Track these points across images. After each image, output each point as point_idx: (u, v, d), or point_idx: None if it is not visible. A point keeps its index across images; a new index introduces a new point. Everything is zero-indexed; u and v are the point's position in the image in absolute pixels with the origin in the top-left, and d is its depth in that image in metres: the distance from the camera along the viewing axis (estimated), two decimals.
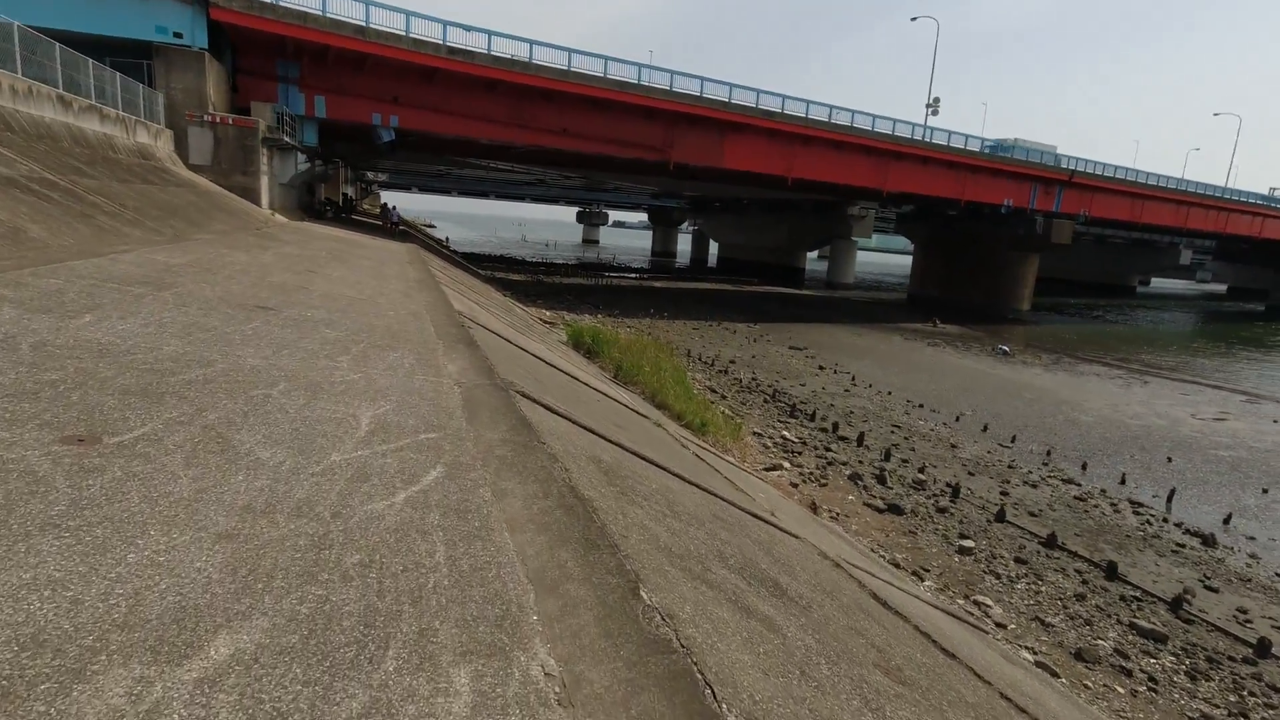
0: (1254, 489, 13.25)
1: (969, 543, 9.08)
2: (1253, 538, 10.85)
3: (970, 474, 12.43)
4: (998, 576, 8.31)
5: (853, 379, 20.08)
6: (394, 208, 29.92)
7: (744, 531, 4.58)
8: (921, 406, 17.44)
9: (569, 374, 8.29)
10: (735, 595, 2.88)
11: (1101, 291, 75.22)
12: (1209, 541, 10.36)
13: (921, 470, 11.91)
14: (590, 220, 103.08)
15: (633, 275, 49.99)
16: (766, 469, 10.76)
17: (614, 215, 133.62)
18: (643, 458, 5.06)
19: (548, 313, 23.36)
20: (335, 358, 4.56)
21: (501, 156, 35.51)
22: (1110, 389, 22.24)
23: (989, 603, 7.49)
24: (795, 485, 10.27)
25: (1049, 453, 14.38)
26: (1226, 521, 11.36)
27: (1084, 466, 13.62)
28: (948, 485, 11.55)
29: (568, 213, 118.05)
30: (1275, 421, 19.12)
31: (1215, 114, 70.64)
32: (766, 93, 28.65)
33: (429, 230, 68.80)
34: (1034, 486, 12.14)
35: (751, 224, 64.81)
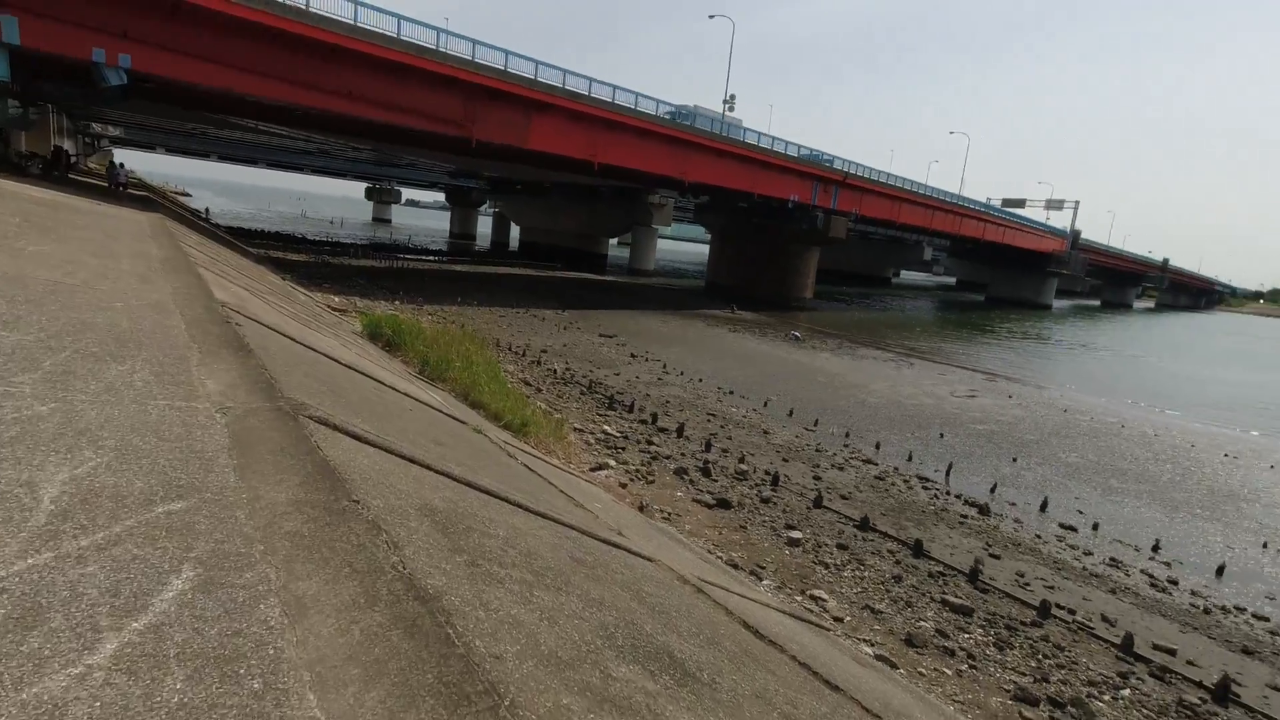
0: (1006, 458, 15.21)
1: (796, 533, 9.18)
2: (1014, 504, 12.32)
3: (785, 460, 12.82)
4: (826, 566, 8.43)
5: (664, 367, 20.20)
6: (122, 165, 24.80)
7: (608, 574, 3.81)
8: (732, 393, 17.93)
9: (372, 377, 6.95)
10: (651, 710, 2.12)
11: (864, 282, 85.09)
12: (984, 511, 11.55)
13: (742, 460, 12.02)
14: (381, 198, 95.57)
15: (431, 258, 46.92)
16: (593, 469, 10.13)
17: (408, 193, 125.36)
18: (478, 489, 4.10)
19: (337, 298, 20.76)
20: (10, 378, 3.03)
21: (274, 118, 31.12)
22: (886, 371, 24.74)
23: (824, 596, 7.50)
24: (624, 485, 9.75)
25: (847, 434, 15.39)
26: (993, 490, 12.82)
27: (878, 446, 14.74)
28: (767, 473, 11.76)
29: (355, 188, 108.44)
30: (1010, 397, 22.43)
31: (951, 132, 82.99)
32: (573, 73, 27.90)
33: (182, 199, 59.17)
34: (840, 469, 12.81)
35: (554, 208, 64.02)
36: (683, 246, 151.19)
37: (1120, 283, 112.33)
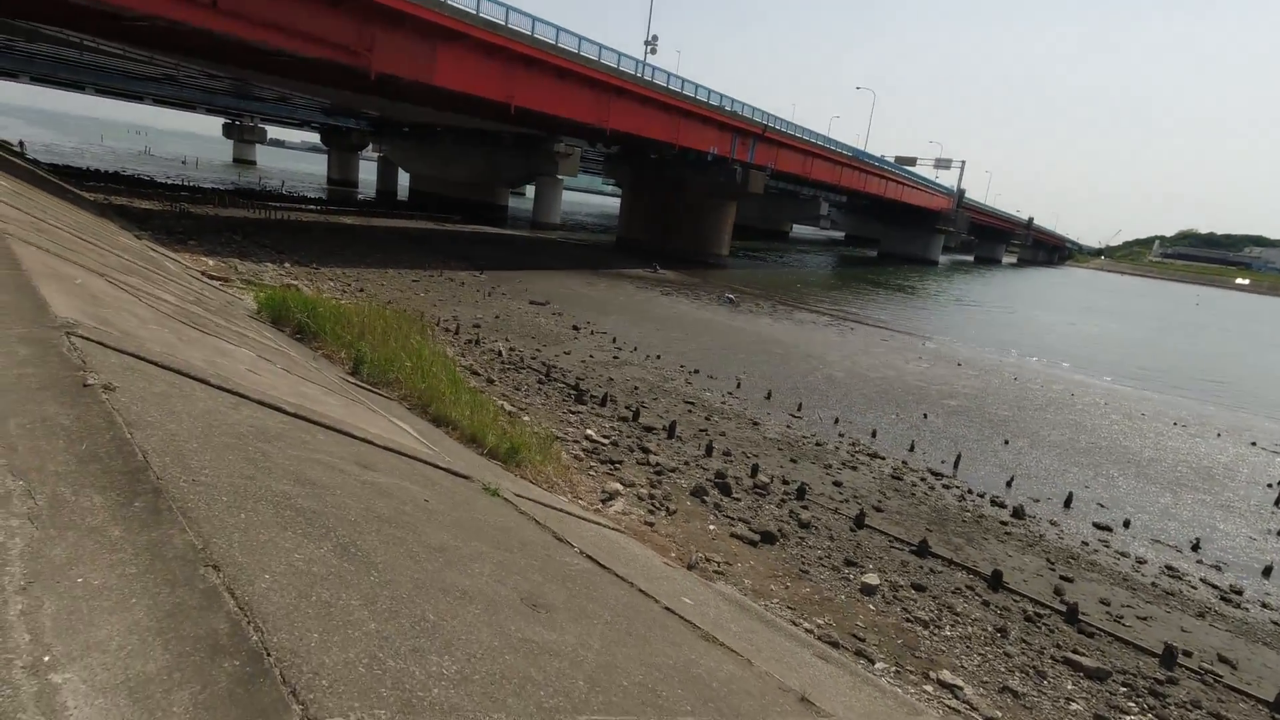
0: (995, 440, 14.31)
1: (867, 575, 7.46)
2: (1036, 499, 11.28)
3: (793, 461, 11.12)
4: (922, 624, 6.78)
5: (614, 341, 17.98)
6: None
7: None
8: (697, 372, 16.04)
9: (340, 430, 4.40)
10: None
11: (765, 236, 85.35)
12: (1018, 514, 10.38)
13: (755, 472, 10.14)
14: (243, 136, 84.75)
15: (312, 208, 41.38)
16: (604, 500, 7.93)
17: (273, 132, 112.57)
18: None
19: (211, 261, 16.83)
20: None
21: (104, 31, 25.21)
22: (831, 338, 23.69)
23: (953, 680, 5.82)
24: (650, 524, 7.65)
25: (836, 420, 13.94)
26: (1009, 485, 11.74)
27: (874, 434, 13.37)
28: (785, 483, 10.04)
29: (209, 124, 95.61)
30: (959, 365, 21.95)
31: (858, 87, 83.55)
32: None
33: None
34: (853, 469, 11.28)
35: (448, 155, 58.76)
36: (581, 198, 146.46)
37: (992, 239, 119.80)
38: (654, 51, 37.84)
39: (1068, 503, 11.20)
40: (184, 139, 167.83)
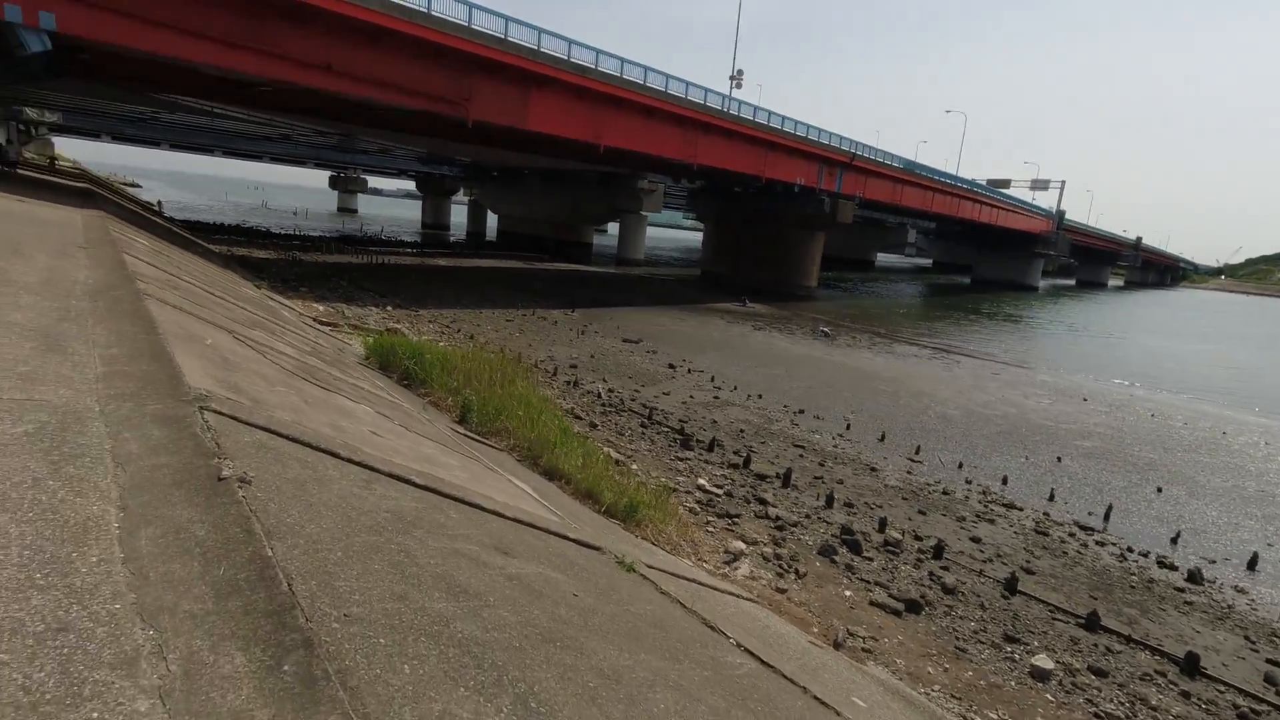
0: (1147, 489, 12.78)
1: (1040, 659, 6.49)
2: (1211, 560, 9.87)
3: (921, 513, 10.15)
4: None
5: (712, 380, 17.40)
6: (9, 141, 20.64)
7: None
8: (802, 412, 15.23)
9: (475, 504, 4.02)
10: None
11: (850, 266, 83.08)
12: (1195, 578, 9.05)
13: (882, 526, 9.27)
14: (347, 187, 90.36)
15: (408, 251, 43.26)
16: (727, 561, 7.31)
17: (371, 181, 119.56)
18: None
19: (320, 307, 17.45)
20: None
21: (233, 98, 27.25)
22: (938, 372, 22.27)
23: None
24: (782, 590, 6.96)
25: (960, 465, 12.81)
26: (1175, 542, 10.35)
27: (1005, 481, 12.18)
28: (917, 538, 9.15)
29: (316, 177, 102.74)
30: (1085, 400, 20.12)
31: (947, 111, 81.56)
32: (579, 44, 24.65)
33: (130, 190, 54.18)
34: (990, 522, 10.20)
35: (534, 195, 60.28)
36: (662, 233, 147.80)
37: (1096, 261, 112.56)
38: (739, 86, 37.70)
39: (1252, 564, 9.72)
40: (295, 192, 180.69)
